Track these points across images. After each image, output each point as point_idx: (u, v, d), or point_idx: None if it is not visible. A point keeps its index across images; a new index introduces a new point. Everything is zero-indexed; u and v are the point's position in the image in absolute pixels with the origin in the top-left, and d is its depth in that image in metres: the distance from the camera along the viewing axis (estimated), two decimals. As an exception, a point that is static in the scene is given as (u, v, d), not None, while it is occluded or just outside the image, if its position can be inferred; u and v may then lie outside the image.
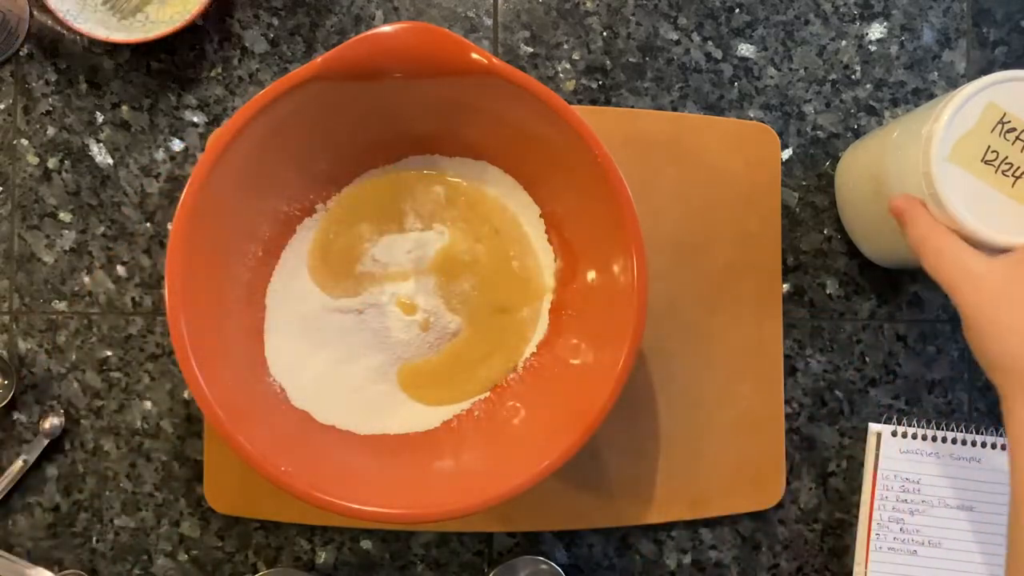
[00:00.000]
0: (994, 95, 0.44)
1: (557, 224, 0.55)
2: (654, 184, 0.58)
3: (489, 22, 0.60)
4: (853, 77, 0.61)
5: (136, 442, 0.60)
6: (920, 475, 0.58)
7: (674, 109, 0.61)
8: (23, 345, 0.60)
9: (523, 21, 0.61)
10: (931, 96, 0.61)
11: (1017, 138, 0.44)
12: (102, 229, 0.60)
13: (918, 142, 0.45)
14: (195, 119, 0.60)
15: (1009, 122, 0.44)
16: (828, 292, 0.61)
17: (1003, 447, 0.58)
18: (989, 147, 0.44)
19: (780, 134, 0.60)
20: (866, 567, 0.58)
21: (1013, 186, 0.44)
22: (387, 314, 0.54)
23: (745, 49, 0.61)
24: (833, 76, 0.61)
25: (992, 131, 0.44)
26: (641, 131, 0.59)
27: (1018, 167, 0.44)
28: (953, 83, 0.61)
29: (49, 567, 0.59)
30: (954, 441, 0.58)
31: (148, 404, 0.60)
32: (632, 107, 0.60)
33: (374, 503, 0.47)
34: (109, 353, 0.60)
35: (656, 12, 0.61)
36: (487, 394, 0.55)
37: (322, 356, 0.54)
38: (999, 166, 0.44)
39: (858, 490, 0.59)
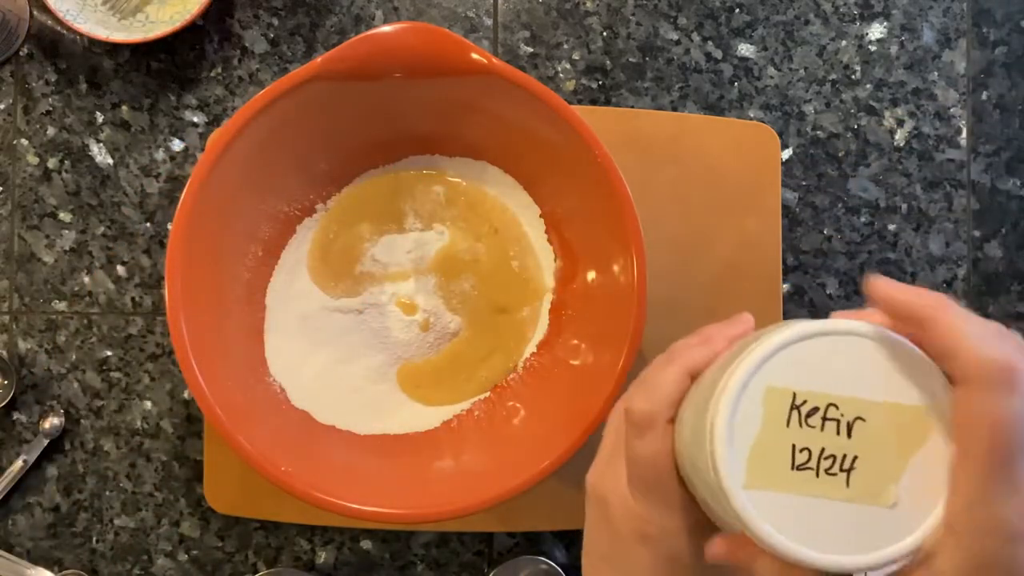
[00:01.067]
0: (769, 376, 0.29)
1: (557, 224, 0.55)
2: (654, 184, 0.58)
3: (489, 22, 0.60)
4: (853, 77, 0.61)
5: (136, 442, 0.60)
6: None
7: (674, 109, 0.61)
8: (23, 345, 0.60)
9: (523, 21, 0.61)
10: (931, 96, 0.61)
11: (825, 417, 0.29)
12: (102, 229, 0.60)
13: (705, 461, 0.30)
14: (195, 119, 0.60)
15: (804, 402, 0.29)
16: (828, 292, 0.61)
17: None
18: (795, 447, 0.29)
19: (780, 134, 0.60)
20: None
21: (848, 484, 0.29)
22: (387, 314, 0.54)
23: (745, 49, 0.61)
24: (833, 76, 0.61)
25: (788, 424, 0.29)
26: (641, 131, 0.59)
27: (844, 456, 0.29)
28: (953, 83, 0.61)
29: (49, 567, 0.59)
30: (954, 442, 0.58)
31: (148, 404, 0.60)
32: (632, 107, 0.60)
33: (374, 503, 0.47)
34: (109, 353, 0.60)
35: (656, 12, 0.61)
36: (487, 394, 0.55)
37: (322, 356, 0.54)
38: (818, 466, 0.29)
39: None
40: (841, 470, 0.29)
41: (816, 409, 0.29)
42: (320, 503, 0.46)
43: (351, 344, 0.54)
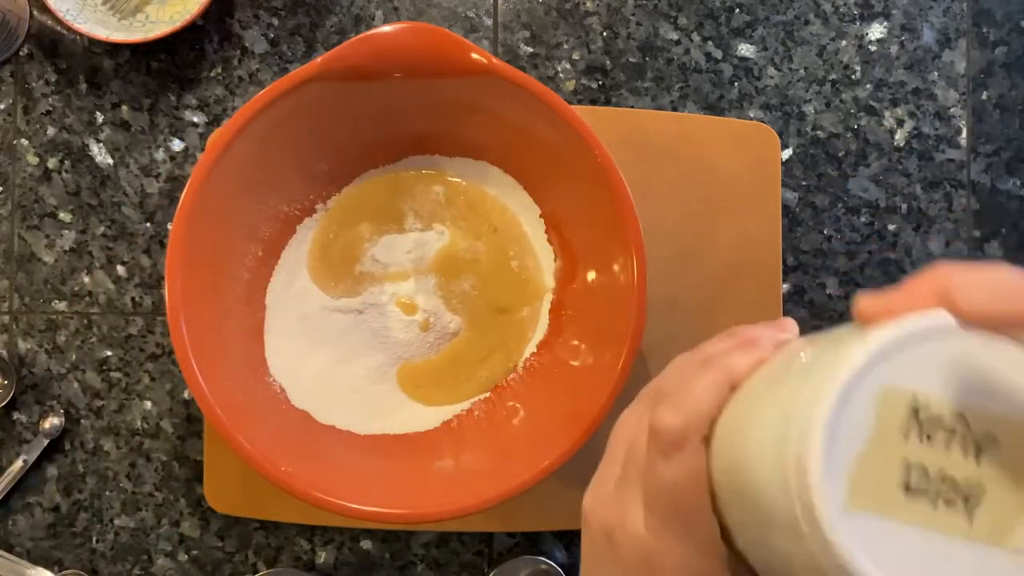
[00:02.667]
0: (890, 373, 0.23)
1: (557, 224, 0.55)
2: (654, 184, 0.58)
3: (489, 22, 0.60)
4: (853, 77, 0.61)
5: (136, 442, 0.60)
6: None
7: (674, 109, 0.61)
8: (23, 345, 0.60)
9: (523, 21, 0.61)
10: (931, 96, 0.61)
11: (951, 431, 0.23)
12: (102, 229, 0.60)
13: (769, 482, 0.24)
14: (195, 119, 0.60)
15: (928, 407, 0.23)
16: (828, 292, 0.61)
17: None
18: (907, 463, 0.23)
19: (780, 134, 0.60)
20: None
21: (970, 519, 0.23)
22: (387, 314, 0.54)
23: (745, 49, 0.61)
24: (833, 76, 0.61)
25: (906, 435, 0.23)
26: (641, 131, 0.59)
27: (968, 483, 0.23)
28: (953, 83, 0.61)
29: (49, 567, 0.59)
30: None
31: (148, 404, 0.60)
32: (632, 107, 0.60)
33: (374, 503, 0.47)
34: (109, 353, 0.60)
35: (656, 12, 0.61)
36: (487, 394, 0.55)
37: (322, 356, 0.54)
38: (934, 491, 0.23)
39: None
40: (963, 500, 0.23)
41: (940, 419, 0.23)
42: (320, 503, 0.46)
43: (351, 344, 0.54)
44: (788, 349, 0.27)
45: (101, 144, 0.60)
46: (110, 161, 0.60)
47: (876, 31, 0.61)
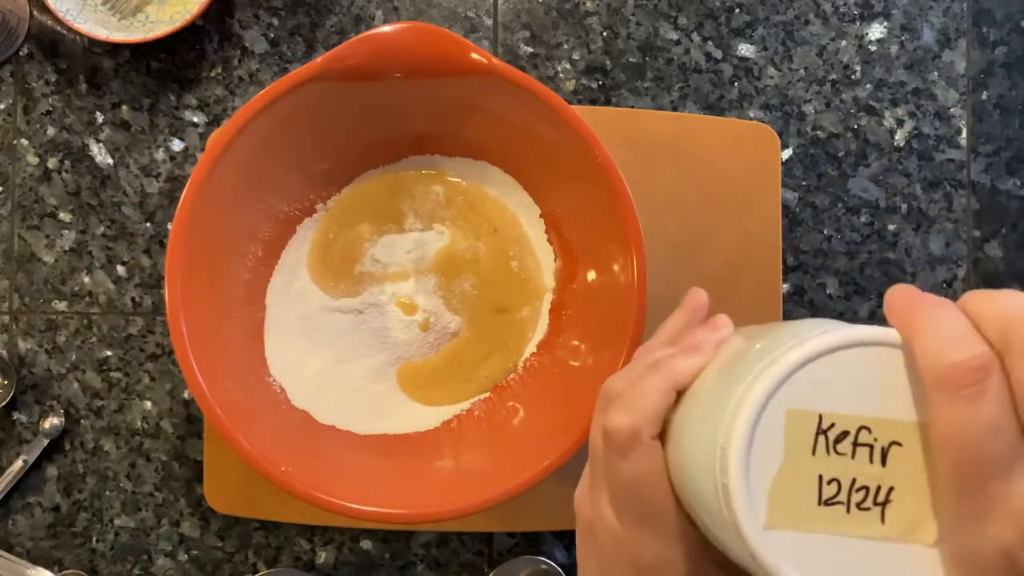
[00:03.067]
0: (790, 397, 0.25)
1: (557, 224, 0.55)
2: (654, 184, 0.58)
3: (489, 22, 0.60)
4: (853, 77, 0.61)
5: (136, 442, 0.60)
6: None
7: (674, 109, 0.61)
8: (23, 345, 0.60)
9: (523, 21, 0.61)
10: (931, 96, 0.61)
11: (856, 443, 0.25)
12: (102, 229, 0.60)
13: (712, 492, 0.26)
14: (195, 119, 0.60)
15: (832, 426, 0.25)
16: (828, 292, 0.61)
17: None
18: (822, 478, 0.25)
19: (780, 134, 0.60)
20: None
21: (884, 519, 0.25)
22: (387, 314, 0.54)
23: (745, 49, 0.61)
24: (833, 76, 0.61)
25: (814, 452, 0.25)
26: (641, 131, 0.59)
27: (878, 487, 0.25)
28: (953, 83, 0.61)
29: (49, 567, 0.59)
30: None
31: (148, 404, 0.60)
32: (632, 107, 0.60)
33: (374, 503, 0.47)
34: (109, 353, 0.60)
35: (656, 12, 0.61)
36: (487, 394, 0.55)
37: (322, 356, 0.54)
38: (849, 500, 0.25)
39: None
40: (875, 504, 0.25)
41: (846, 434, 0.25)
42: (320, 503, 0.46)
43: (351, 344, 0.54)
44: (726, 350, 0.29)
45: (101, 144, 0.60)
46: (110, 161, 0.60)
47: (876, 31, 0.61)
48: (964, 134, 0.61)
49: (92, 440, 0.60)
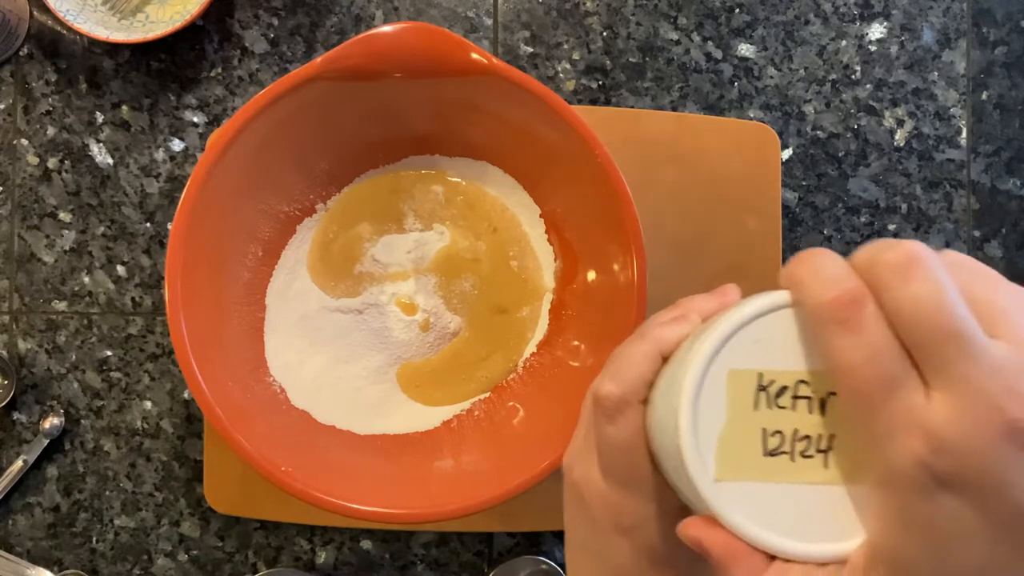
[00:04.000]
0: (730, 359, 0.27)
1: (557, 224, 0.55)
2: (654, 184, 0.58)
3: (489, 22, 0.60)
4: (853, 77, 0.61)
5: (136, 442, 0.60)
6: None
7: (674, 109, 0.61)
8: (23, 345, 0.60)
9: (523, 21, 0.61)
10: (931, 96, 0.61)
11: (796, 396, 0.27)
12: (102, 229, 0.60)
13: (674, 450, 0.28)
14: (195, 119, 0.60)
15: (772, 382, 0.27)
16: (828, 292, 0.61)
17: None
18: (765, 431, 0.27)
19: (780, 134, 0.60)
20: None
21: (826, 465, 0.27)
22: (387, 314, 0.54)
23: (745, 49, 0.61)
24: (833, 76, 0.61)
25: (756, 408, 0.27)
26: (641, 131, 0.59)
27: (819, 436, 0.27)
28: (953, 83, 0.61)
29: (49, 567, 0.59)
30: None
31: (148, 404, 0.60)
32: (632, 107, 0.60)
33: (374, 503, 0.47)
34: (109, 353, 0.60)
35: (656, 12, 0.61)
36: (487, 394, 0.55)
37: (322, 356, 0.54)
38: (793, 450, 0.27)
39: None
40: (818, 451, 0.27)
41: (785, 388, 0.27)
42: (320, 503, 0.46)
43: (351, 344, 0.54)
44: (711, 321, 0.30)
45: (101, 144, 0.60)
46: (110, 161, 0.60)
47: (876, 31, 0.61)
48: (964, 134, 0.61)
49: (92, 440, 0.60)
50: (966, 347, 0.21)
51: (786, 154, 0.61)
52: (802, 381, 0.27)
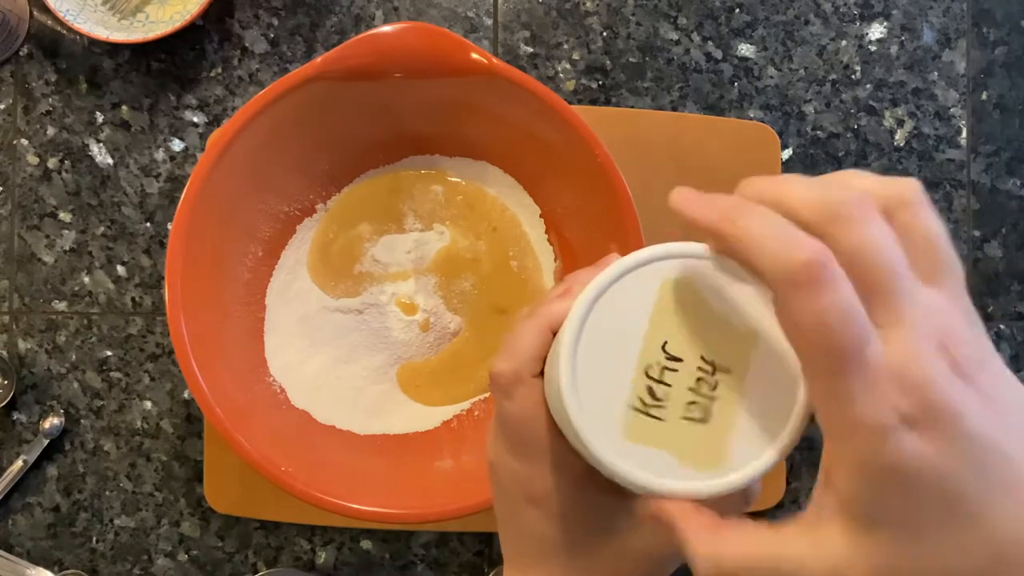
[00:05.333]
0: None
1: (557, 224, 0.55)
2: (654, 184, 0.58)
3: (489, 22, 0.60)
4: (853, 77, 0.61)
5: (136, 442, 0.60)
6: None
7: (674, 109, 0.61)
8: (23, 345, 0.60)
9: (523, 21, 0.61)
10: (931, 96, 0.61)
11: (669, 356, 0.27)
12: (102, 229, 0.60)
13: (564, 417, 0.28)
14: (195, 119, 0.60)
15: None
16: (828, 292, 0.61)
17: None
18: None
19: (780, 134, 0.60)
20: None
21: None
22: (387, 314, 0.54)
23: (745, 49, 0.61)
24: (833, 76, 0.61)
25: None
26: (641, 131, 0.59)
27: (697, 393, 0.27)
28: (953, 83, 0.61)
29: (49, 567, 0.59)
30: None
31: (148, 404, 0.60)
32: (632, 107, 0.60)
33: (374, 503, 0.47)
34: (109, 353, 0.60)
35: (656, 12, 0.61)
36: (487, 394, 0.55)
37: (322, 356, 0.54)
38: (675, 415, 0.27)
39: (858, 490, 0.59)
40: (701, 397, 0.27)
41: (666, 343, 0.27)
42: (320, 503, 0.46)
43: (351, 344, 0.54)
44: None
45: (101, 144, 0.60)
46: (110, 161, 0.60)
47: (876, 31, 0.61)
48: (964, 134, 0.61)
49: (92, 440, 0.60)
50: (911, 288, 0.23)
51: (786, 154, 0.61)
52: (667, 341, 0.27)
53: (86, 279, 0.60)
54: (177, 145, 0.60)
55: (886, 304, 0.23)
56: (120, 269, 0.60)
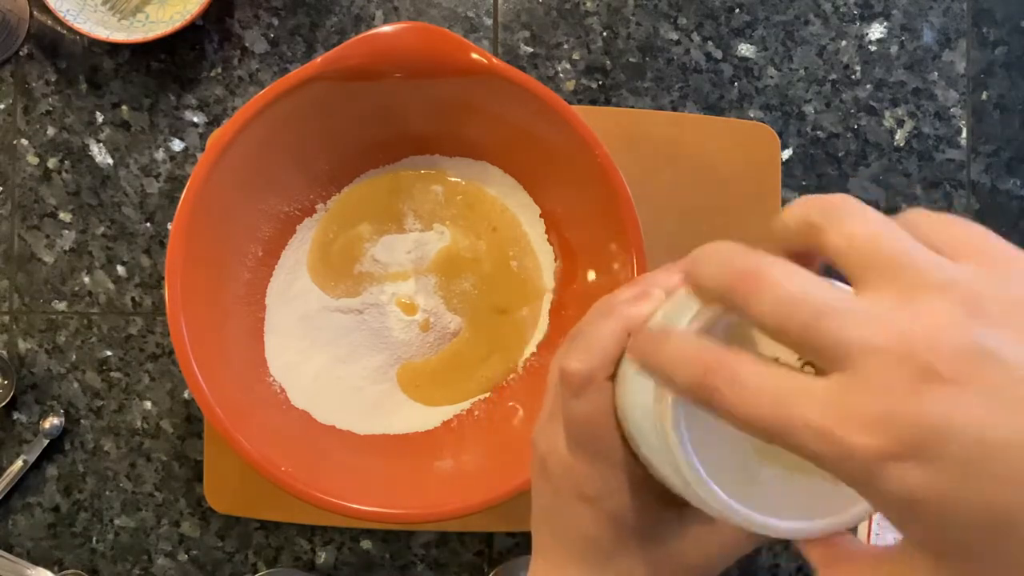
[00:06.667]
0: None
1: (557, 224, 0.55)
2: (654, 184, 0.58)
3: (489, 22, 0.60)
4: (853, 77, 0.61)
5: (136, 442, 0.60)
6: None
7: (674, 109, 0.61)
8: (23, 345, 0.60)
9: (523, 21, 0.61)
10: (931, 96, 0.61)
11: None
12: (102, 229, 0.60)
13: (653, 427, 0.27)
14: (195, 119, 0.60)
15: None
16: (828, 292, 0.61)
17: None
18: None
19: (780, 134, 0.60)
20: (866, 567, 0.58)
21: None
22: (387, 314, 0.54)
23: (745, 49, 0.61)
24: (833, 76, 0.61)
25: None
26: (641, 131, 0.58)
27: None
28: (953, 83, 0.61)
29: (49, 567, 0.59)
30: (954, 441, 0.58)
31: (148, 404, 0.60)
32: (632, 107, 0.60)
33: (374, 503, 0.47)
34: (109, 353, 0.60)
35: (656, 12, 0.61)
36: (487, 394, 0.55)
37: (322, 356, 0.54)
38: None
39: (858, 490, 0.59)
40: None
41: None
42: (320, 503, 0.46)
43: (351, 344, 0.54)
44: (675, 295, 0.30)
45: (101, 144, 0.60)
46: (110, 161, 0.60)
47: (876, 31, 0.61)
48: (964, 134, 0.61)
49: (92, 440, 0.60)
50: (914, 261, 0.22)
51: (786, 154, 0.61)
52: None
53: (86, 279, 0.60)
54: (177, 145, 0.60)
55: (900, 274, 0.22)
56: (120, 269, 0.60)
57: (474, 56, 0.46)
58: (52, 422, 0.59)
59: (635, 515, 0.32)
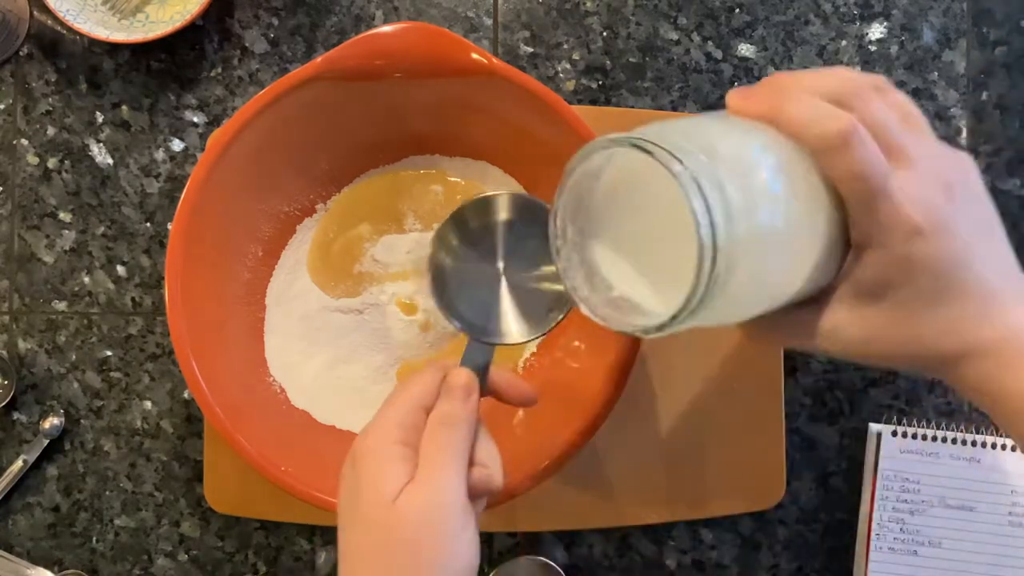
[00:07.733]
0: None
1: (557, 224, 0.55)
2: (654, 184, 0.58)
3: (489, 22, 0.60)
4: (853, 77, 0.61)
5: (136, 442, 0.60)
6: (920, 475, 0.58)
7: (674, 109, 0.61)
8: (23, 345, 0.60)
9: (523, 21, 0.61)
10: (931, 96, 0.61)
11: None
12: (102, 229, 0.60)
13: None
14: (195, 119, 0.60)
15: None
16: (828, 292, 0.61)
17: (1003, 447, 0.58)
18: None
19: (780, 134, 0.60)
20: (866, 567, 0.58)
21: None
22: (387, 314, 0.54)
23: (745, 49, 0.61)
24: (833, 76, 0.61)
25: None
26: (641, 131, 0.58)
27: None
28: (953, 83, 0.61)
29: (49, 567, 0.59)
30: (954, 441, 0.58)
31: (148, 404, 0.60)
32: (632, 107, 0.60)
33: (374, 503, 0.47)
34: (109, 353, 0.60)
35: (656, 12, 0.61)
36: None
37: (322, 356, 0.54)
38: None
39: (858, 490, 0.59)
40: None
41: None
42: (320, 503, 0.46)
43: (351, 344, 0.54)
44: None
45: (101, 144, 0.60)
46: (110, 161, 0.60)
47: (876, 31, 0.61)
48: (964, 134, 0.61)
49: (92, 440, 0.60)
50: (912, 140, 0.34)
51: (786, 154, 0.61)
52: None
53: (86, 279, 0.60)
54: (177, 145, 0.60)
55: (898, 152, 0.33)
56: (120, 269, 0.60)
57: (474, 56, 0.46)
58: (52, 422, 0.59)
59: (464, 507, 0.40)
